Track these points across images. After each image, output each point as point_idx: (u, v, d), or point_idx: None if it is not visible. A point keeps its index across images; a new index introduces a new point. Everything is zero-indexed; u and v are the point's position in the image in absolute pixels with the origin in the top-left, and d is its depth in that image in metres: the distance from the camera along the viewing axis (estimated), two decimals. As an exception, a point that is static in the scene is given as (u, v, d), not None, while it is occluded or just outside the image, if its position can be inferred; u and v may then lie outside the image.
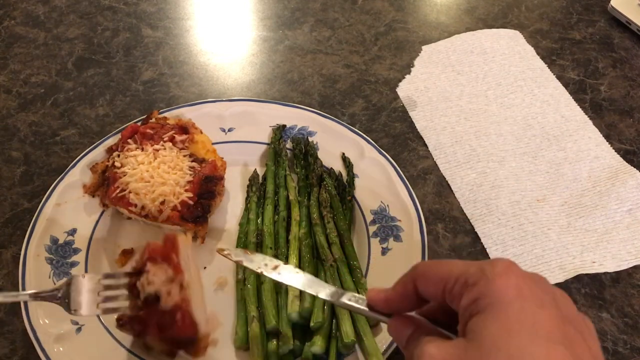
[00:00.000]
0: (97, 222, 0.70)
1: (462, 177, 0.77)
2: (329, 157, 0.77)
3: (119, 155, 0.71)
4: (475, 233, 0.72)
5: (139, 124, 0.76)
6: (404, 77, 0.91)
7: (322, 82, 0.90)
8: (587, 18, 1.01)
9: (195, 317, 0.52)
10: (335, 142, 0.78)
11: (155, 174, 0.68)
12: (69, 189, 0.71)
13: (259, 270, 0.56)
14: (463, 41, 0.96)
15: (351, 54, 0.95)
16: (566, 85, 0.90)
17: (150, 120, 0.76)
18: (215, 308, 0.64)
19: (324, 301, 0.62)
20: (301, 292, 0.62)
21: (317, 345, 0.58)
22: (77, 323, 0.62)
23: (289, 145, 0.78)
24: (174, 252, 0.54)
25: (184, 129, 0.75)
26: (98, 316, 0.62)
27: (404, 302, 0.45)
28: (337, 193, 0.72)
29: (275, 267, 0.56)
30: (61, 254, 0.67)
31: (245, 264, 0.57)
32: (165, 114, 0.78)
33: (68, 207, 0.70)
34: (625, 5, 0.98)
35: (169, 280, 0.53)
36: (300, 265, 0.65)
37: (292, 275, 0.55)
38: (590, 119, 0.85)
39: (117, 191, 0.68)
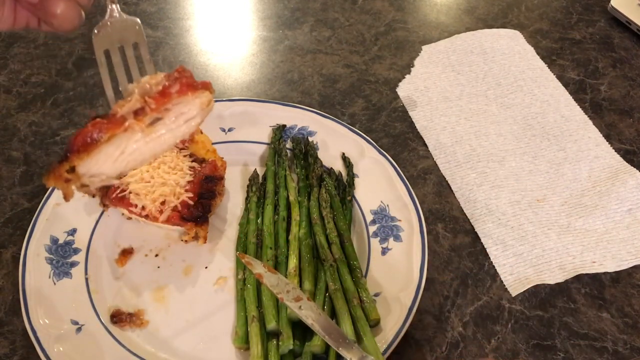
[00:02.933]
0: (97, 222, 0.71)
1: (462, 177, 0.77)
2: (329, 157, 0.77)
3: (119, 155, 0.71)
4: (475, 233, 0.72)
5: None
6: (404, 77, 0.91)
7: (322, 82, 0.90)
8: (587, 18, 1.01)
9: (119, 141, 0.45)
10: (335, 142, 0.78)
11: (156, 174, 0.68)
12: (69, 189, 0.71)
13: (279, 296, 0.57)
14: (463, 41, 0.96)
15: (351, 54, 0.95)
16: (566, 85, 0.90)
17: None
18: (215, 308, 0.65)
19: (324, 301, 0.62)
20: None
21: (316, 345, 0.58)
22: (77, 323, 0.62)
23: (289, 145, 0.78)
24: (190, 91, 0.46)
25: (184, 129, 0.75)
26: (98, 316, 0.62)
27: None
28: (337, 193, 0.72)
29: (298, 299, 0.57)
30: (61, 253, 0.67)
31: (266, 281, 0.58)
32: (165, 114, 0.78)
33: (68, 207, 0.70)
34: (625, 5, 0.98)
35: (162, 104, 0.46)
36: (300, 265, 0.65)
37: (313, 315, 0.56)
38: (590, 118, 0.85)
39: (118, 191, 0.68)
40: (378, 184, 0.73)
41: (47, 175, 0.45)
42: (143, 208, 0.67)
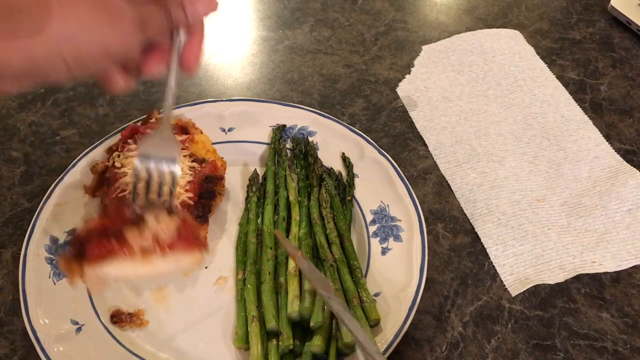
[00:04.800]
0: (97, 222, 0.70)
1: (462, 177, 0.77)
2: (329, 157, 0.77)
3: (119, 156, 0.71)
4: (475, 233, 0.72)
5: (139, 124, 0.76)
6: (404, 77, 0.91)
7: (322, 82, 0.90)
8: (587, 18, 1.01)
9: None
10: (335, 142, 0.78)
11: (156, 174, 0.68)
12: (69, 189, 0.71)
13: (324, 294, 0.56)
14: (463, 41, 0.96)
15: (351, 54, 0.95)
16: (566, 85, 0.90)
17: (150, 120, 0.76)
18: (215, 308, 0.65)
19: (324, 301, 0.62)
20: (301, 292, 0.63)
21: (317, 345, 0.58)
22: (77, 323, 0.62)
23: (289, 145, 0.78)
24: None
25: (184, 129, 0.75)
26: (98, 316, 0.62)
27: None
28: (337, 193, 0.73)
29: (328, 289, 0.57)
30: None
31: (299, 263, 0.58)
32: (165, 114, 0.78)
33: (68, 207, 0.70)
34: (625, 5, 0.98)
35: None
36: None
37: (351, 322, 0.54)
38: (590, 118, 0.85)
39: (117, 192, 0.67)
40: (378, 184, 0.73)
41: (61, 261, 0.54)
42: (143, 208, 0.67)
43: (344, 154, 0.77)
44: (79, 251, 0.52)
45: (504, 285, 0.67)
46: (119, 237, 0.53)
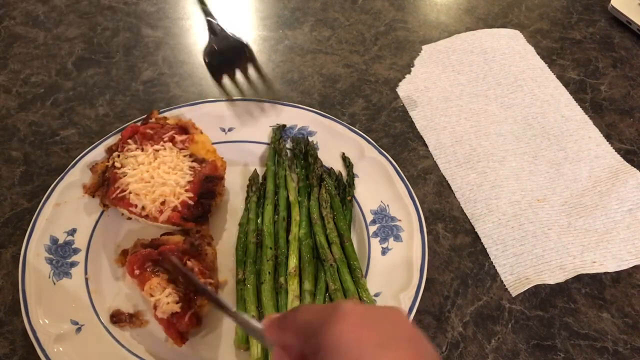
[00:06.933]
0: (97, 222, 0.70)
1: (462, 177, 0.77)
2: (329, 157, 0.77)
3: (119, 156, 0.71)
4: (476, 233, 0.72)
5: (138, 124, 0.76)
6: (404, 77, 0.91)
7: (322, 82, 0.90)
8: (588, 18, 1.01)
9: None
10: (335, 142, 0.78)
11: (156, 174, 0.68)
12: (69, 189, 0.71)
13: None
14: (463, 41, 0.96)
15: (351, 53, 0.95)
16: (566, 85, 0.90)
17: (150, 120, 0.76)
18: (215, 308, 0.65)
19: (324, 301, 0.62)
20: (301, 292, 0.63)
21: (317, 345, 0.58)
22: (76, 323, 0.62)
23: (289, 145, 0.78)
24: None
25: (184, 129, 0.75)
26: (98, 316, 0.62)
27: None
28: (337, 193, 0.72)
29: None
30: (61, 254, 0.67)
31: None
32: (165, 114, 0.78)
33: (68, 207, 0.70)
34: (626, 5, 0.98)
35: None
36: (300, 265, 0.65)
37: None
38: (590, 118, 0.85)
39: (117, 192, 0.67)
40: (378, 184, 0.73)
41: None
42: (143, 208, 0.67)
43: (344, 154, 0.77)
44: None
45: (504, 286, 0.67)
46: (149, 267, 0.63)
